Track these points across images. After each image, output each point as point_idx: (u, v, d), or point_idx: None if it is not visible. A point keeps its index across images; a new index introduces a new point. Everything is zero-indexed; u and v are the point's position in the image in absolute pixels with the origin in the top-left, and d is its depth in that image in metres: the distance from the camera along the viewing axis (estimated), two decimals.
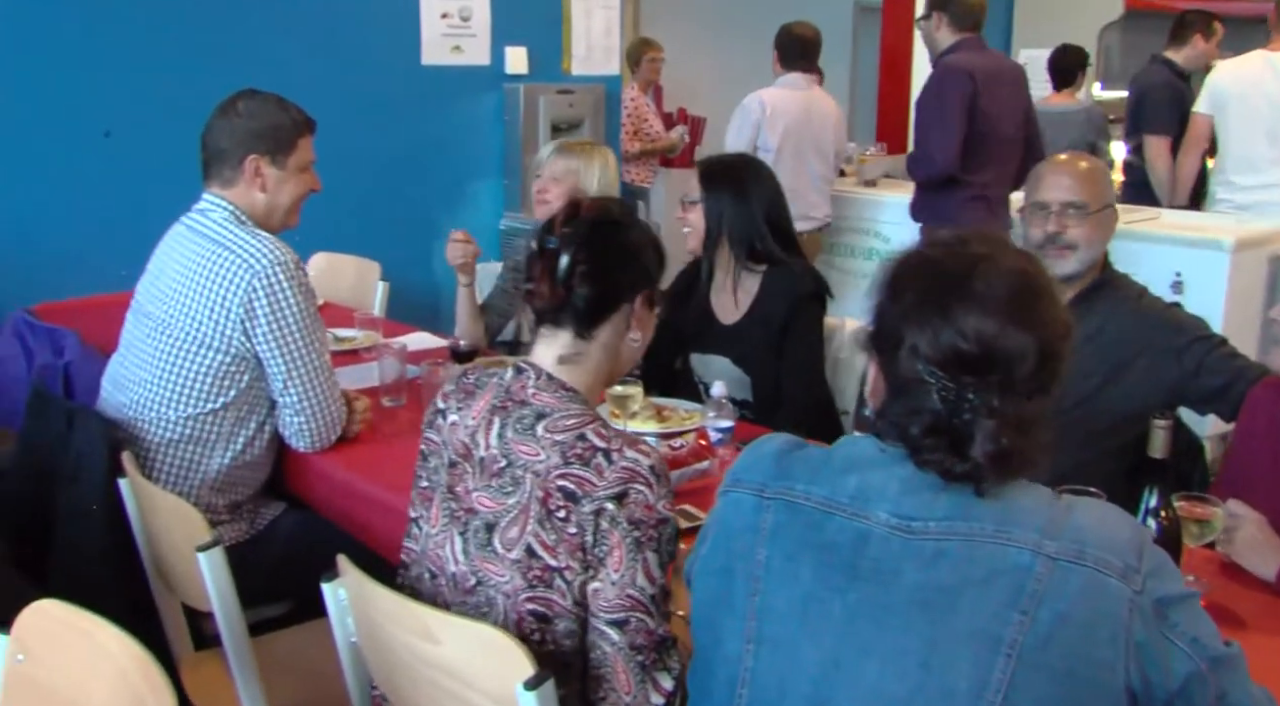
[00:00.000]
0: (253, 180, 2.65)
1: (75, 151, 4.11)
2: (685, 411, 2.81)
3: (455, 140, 5.06)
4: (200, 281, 2.55)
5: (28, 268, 4.01)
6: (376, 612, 1.73)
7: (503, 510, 1.69)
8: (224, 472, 2.62)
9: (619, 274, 1.82)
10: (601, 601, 1.61)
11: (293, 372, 2.57)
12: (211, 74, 4.16)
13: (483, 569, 1.70)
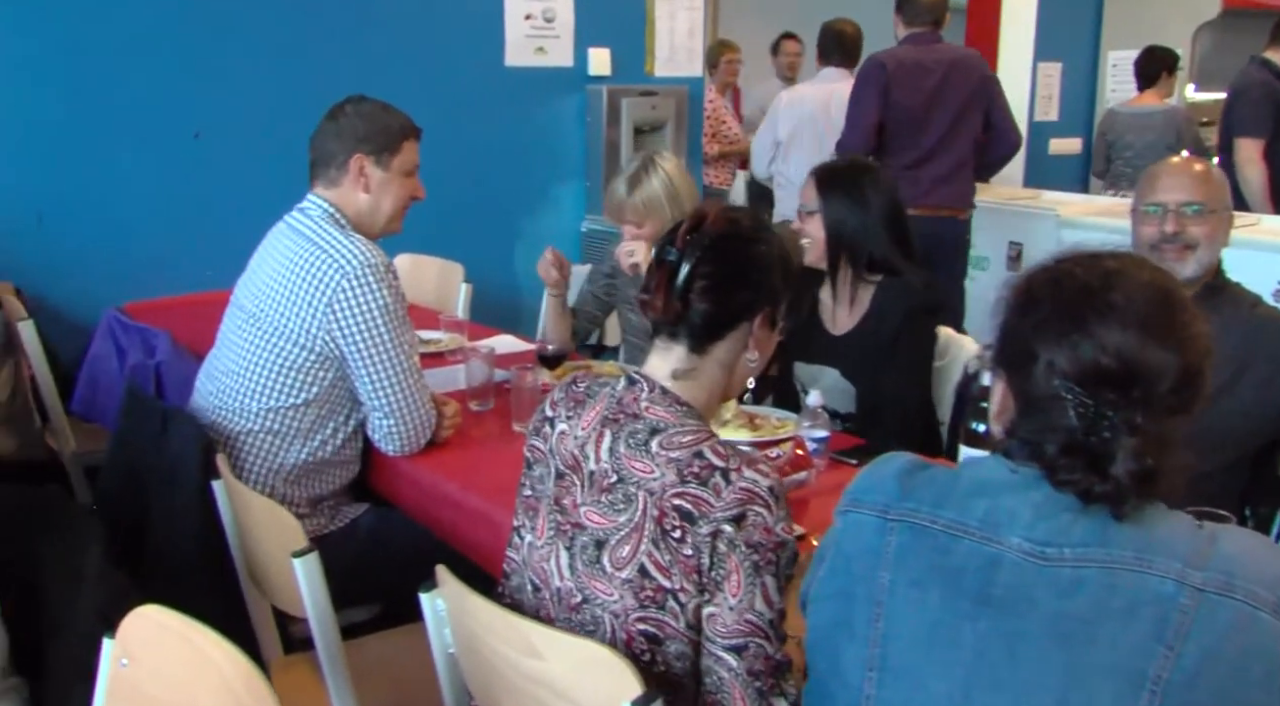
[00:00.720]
0: (357, 179, 2.66)
1: (166, 153, 4.16)
2: (777, 420, 2.76)
3: (538, 142, 5.05)
4: (291, 278, 2.56)
5: (120, 267, 4.07)
6: (477, 625, 1.70)
7: (613, 528, 1.64)
8: (300, 466, 2.62)
9: (740, 291, 1.75)
10: (719, 626, 1.56)
11: (380, 375, 2.56)
12: (298, 77, 4.21)
13: (590, 586, 1.66)
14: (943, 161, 4.78)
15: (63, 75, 3.94)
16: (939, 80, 4.74)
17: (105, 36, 4.00)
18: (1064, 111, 7.49)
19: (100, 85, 4.01)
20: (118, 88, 4.04)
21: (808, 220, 2.92)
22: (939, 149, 4.78)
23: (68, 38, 3.93)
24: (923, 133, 4.74)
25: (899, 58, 4.78)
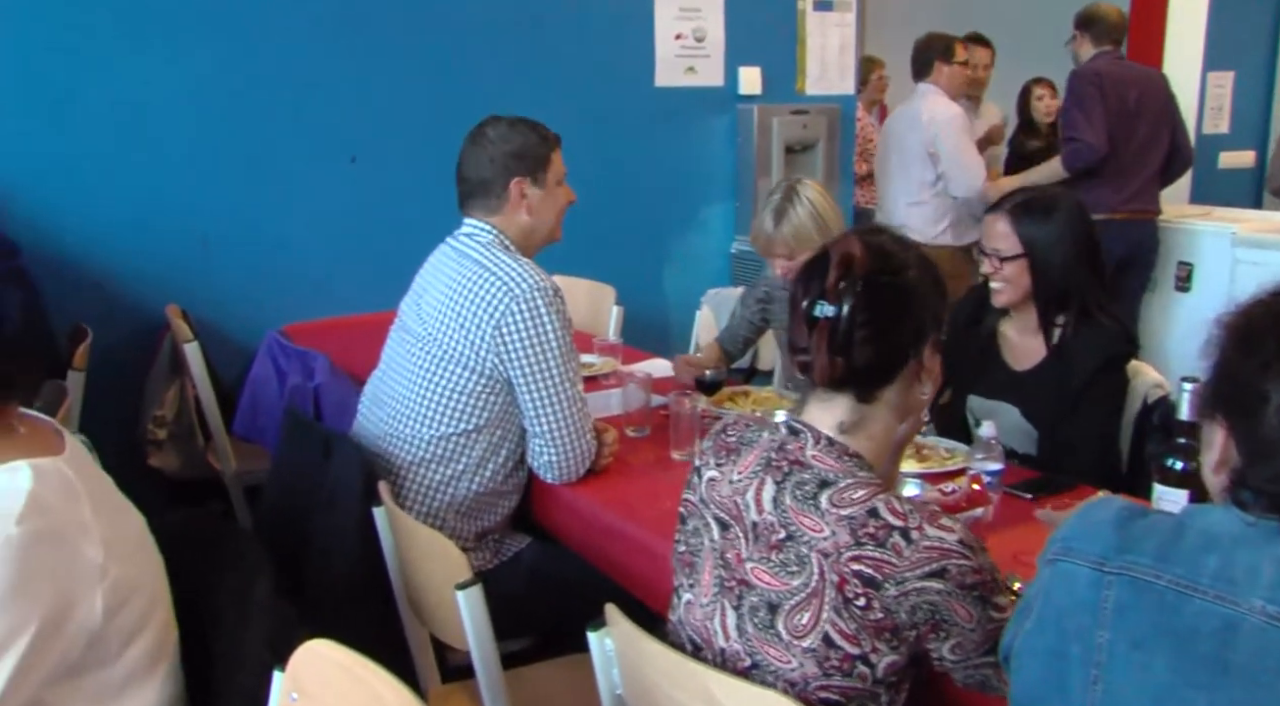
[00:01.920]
0: (518, 203, 2.64)
1: (324, 177, 4.22)
2: (946, 450, 2.64)
3: (688, 162, 5.00)
4: (460, 300, 2.55)
5: (280, 289, 4.14)
6: (649, 668, 1.63)
7: (787, 592, 1.55)
8: (472, 499, 2.59)
9: (903, 328, 1.64)
10: (968, 647, 1.51)
11: (545, 401, 2.52)
12: (451, 100, 4.24)
13: (762, 652, 1.57)
14: (1142, 171, 5.01)
15: (226, 104, 4.03)
16: (1137, 94, 4.96)
17: (264, 65, 4.08)
18: (1235, 123, 7.14)
19: (261, 113, 4.09)
20: (277, 115, 4.12)
21: (1005, 265, 2.65)
22: (1139, 159, 5.00)
23: (229, 67, 4.02)
24: (1127, 143, 4.93)
25: (1101, 71, 4.95)
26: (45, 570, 1.54)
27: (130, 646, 1.65)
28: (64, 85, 3.79)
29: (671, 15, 4.86)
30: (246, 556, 1.92)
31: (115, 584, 1.60)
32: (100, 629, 1.59)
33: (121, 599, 1.61)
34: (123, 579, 1.62)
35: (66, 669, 1.58)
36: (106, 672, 1.63)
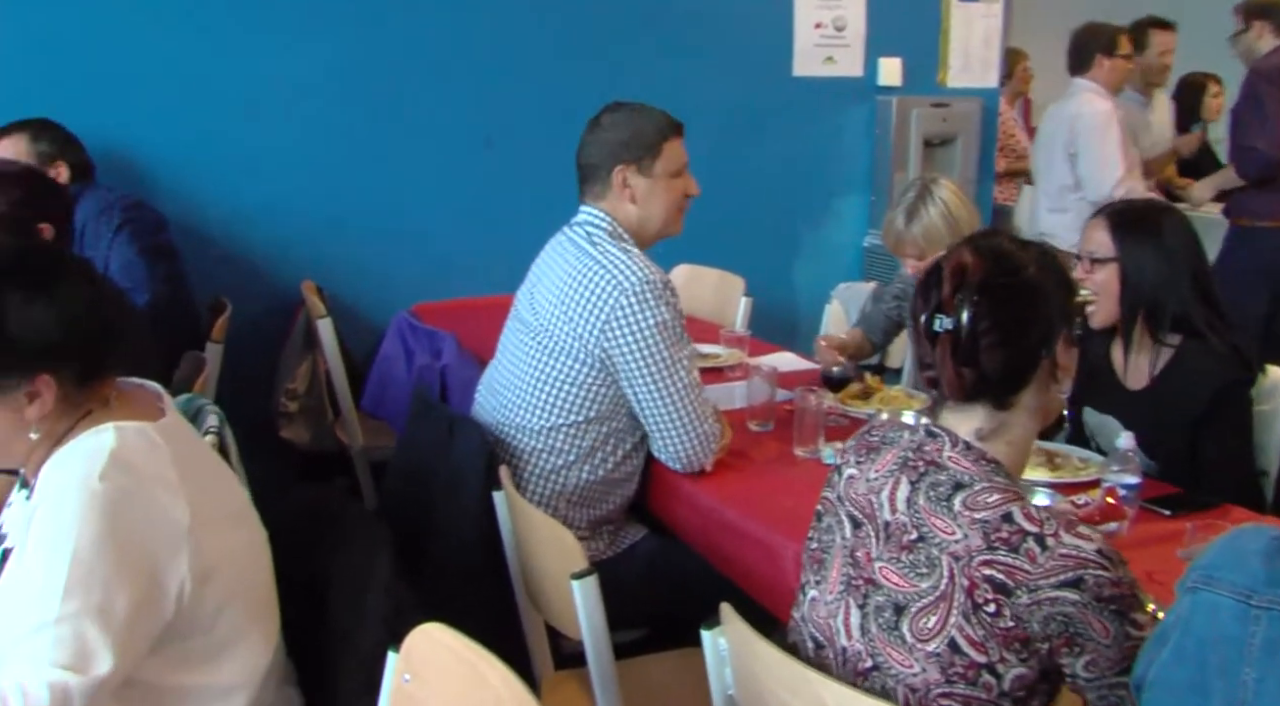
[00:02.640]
0: (621, 191, 2.62)
1: (458, 158, 4.27)
2: (1080, 460, 2.54)
3: (822, 154, 4.91)
4: (570, 292, 2.54)
5: (412, 269, 4.20)
6: (762, 671, 1.60)
7: (915, 593, 1.51)
8: (584, 488, 2.59)
9: (1030, 330, 1.58)
10: (1102, 665, 1.45)
11: (659, 392, 2.50)
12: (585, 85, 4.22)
13: (884, 653, 1.53)
14: None
15: (364, 86, 4.10)
16: None
17: (403, 48, 4.13)
18: None
19: (398, 95, 4.15)
20: (414, 97, 4.17)
21: (1097, 269, 2.53)
22: None
23: (368, 50, 4.09)
24: None
25: None
26: (130, 525, 1.56)
27: (222, 616, 1.67)
28: (209, 68, 3.89)
29: (812, 4, 4.77)
30: (368, 535, 1.94)
31: (204, 551, 1.62)
32: (191, 595, 1.61)
33: (212, 566, 1.63)
34: (213, 548, 1.64)
35: (163, 635, 1.61)
36: (199, 641, 1.66)
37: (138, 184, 3.78)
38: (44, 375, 1.58)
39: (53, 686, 1.47)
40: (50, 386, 1.59)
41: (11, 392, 1.58)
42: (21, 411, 1.59)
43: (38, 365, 1.57)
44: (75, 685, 1.48)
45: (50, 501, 1.54)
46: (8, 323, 1.56)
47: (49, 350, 1.58)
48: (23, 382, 1.58)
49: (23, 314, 1.57)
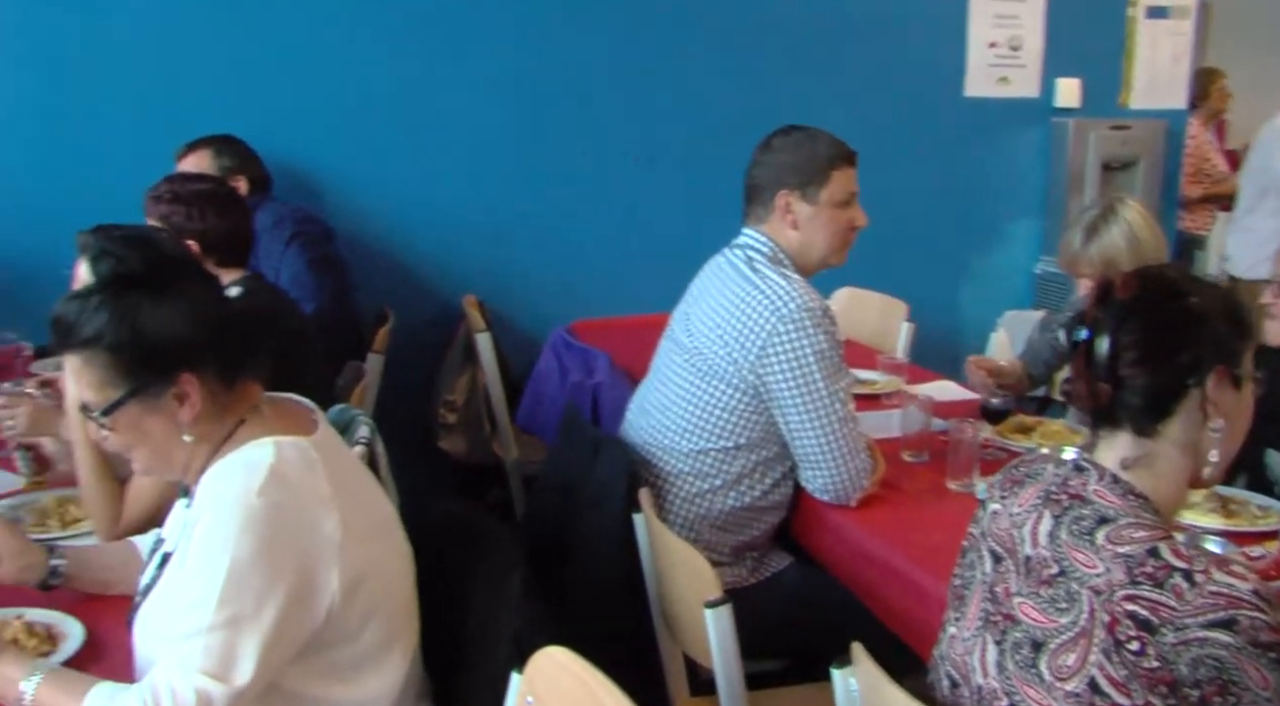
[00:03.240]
0: (783, 216, 2.56)
1: (620, 176, 4.29)
2: (1259, 508, 2.37)
3: (994, 177, 4.76)
4: (727, 316, 2.51)
5: (570, 285, 4.24)
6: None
7: (1054, 629, 1.43)
8: (729, 514, 2.55)
9: (1178, 352, 1.50)
10: None
11: (812, 423, 2.44)
12: (743, 103, 4.21)
13: (1021, 692, 1.45)
14: None
15: (529, 103, 4.17)
16: None
17: (566, 65, 4.18)
18: None
19: (563, 112, 4.20)
20: (578, 114, 4.22)
21: None
22: None
23: (533, 68, 4.16)
24: None
25: None
26: (286, 540, 1.59)
27: (367, 627, 1.69)
28: (380, 86, 4.02)
29: (986, 23, 4.64)
30: (504, 552, 1.94)
31: (353, 563, 1.64)
32: (339, 606, 1.63)
33: (359, 578, 1.65)
34: (361, 559, 1.66)
35: (307, 646, 1.63)
36: (343, 651, 1.67)
37: (309, 197, 3.93)
38: (185, 373, 1.62)
39: (199, 691, 1.51)
40: (194, 385, 1.63)
41: (161, 397, 1.63)
42: (175, 416, 1.64)
43: (178, 364, 1.62)
44: (218, 693, 1.52)
45: (210, 513, 1.58)
46: (143, 326, 1.61)
47: (184, 348, 1.62)
48: (168, 385, 1.62)
49: (154, 316, 1.61)
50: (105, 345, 1.61)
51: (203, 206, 2.63)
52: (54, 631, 1.81)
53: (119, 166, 3.63)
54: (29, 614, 1.84)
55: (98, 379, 1.63)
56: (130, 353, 1.60)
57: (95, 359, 1.62)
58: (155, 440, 1.66)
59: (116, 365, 1.61)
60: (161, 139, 3.63)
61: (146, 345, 1.60)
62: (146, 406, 1.63)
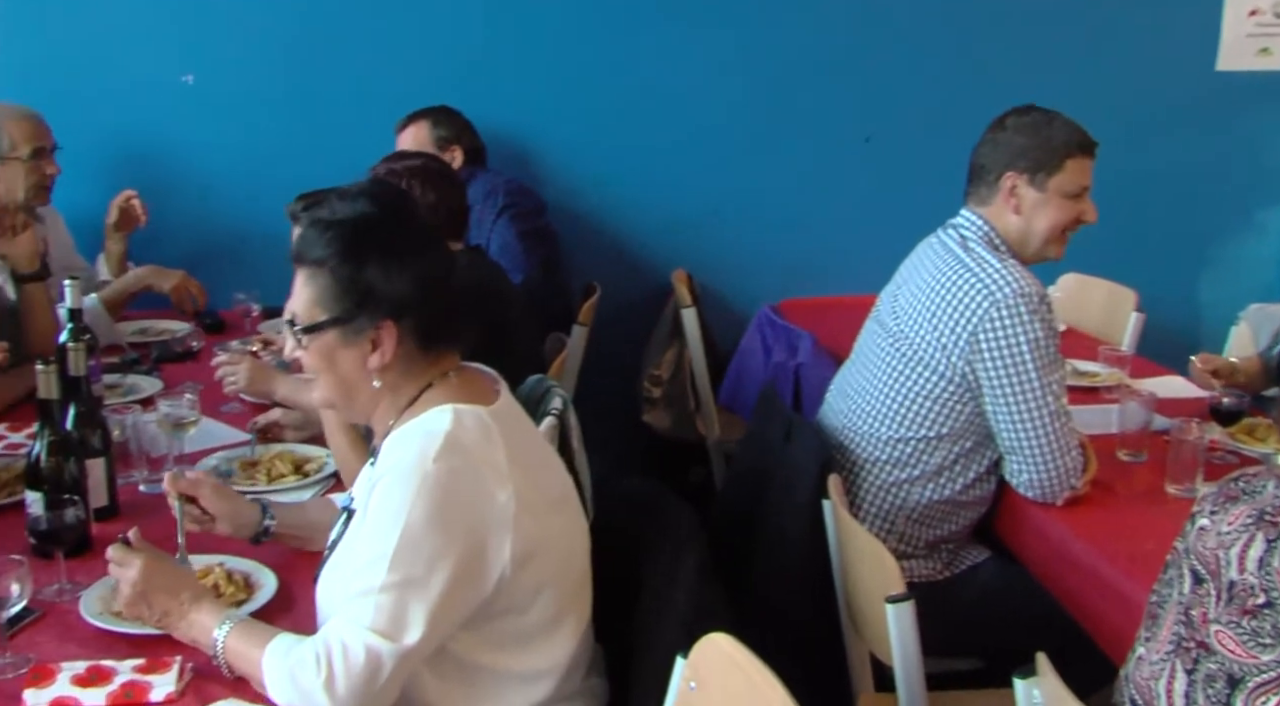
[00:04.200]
0: (1007, 200, 2.44)
1: (837, 155, 4.18)
2: None
3: (1244, 158, 4.39)
4: (936, 300, 2.40)
5: (779, 263, 4.17)
6: None
7: (1254, 666, 1.30)
8: (927, 506, 2.45)
9: None
10: None
11: (1022, 416, 2.32)
12: (975, 81, 4.04)
13: None
14: None
15: (749, 80, 4.10)
16: None
17: (789, 43, 4.09)
18: None
19: (782, 89, 4.11)
20: (797, 91, 4.12)
21: None
22: None
23: (756, 45, 4.08)
24: None
25: None
26: (460, 508, 1.61)
27: (538, 601, 1.69)
28: (598, 59, 4.02)
29: None
30: (682, 532, 1.92)
31: (526, 535, 1.64)
32: (509, 578, 1.64)
33: (531, 551, 1.65)
34: (535, 532, 1.66)
35: (477, 614, 1.65)
36: (513, 622, 1.69)
37: (522, 168, 3.98)
38: (388, 321, 1.67)
39: (368, 648, 1.55)
40: (392, 336, 1.68)
41: (359, 336, 1.68)
42: (365, 358, 1.69)
43: (384, 311, 1.67)
44: (387, 651, 1.56)
45: (389, 476, 1.62)
46: (367, 267, 1.66)
47: (396, 299, 1.67)
48: (369, 327, 1.67)
49: (382, 261, 1.67)
50: (329, 268, 1.67)
51: (420, 182, 2.70)
52: (250, 580, 1.91)
53: (343, 137, 3.79)
54: (229, 562, 1.94)
55: (311, 297, 1.70)
56: (347, 285, 1.67)
57: (316, 278, 1.69)
58: (341, 373, 1.72)
59: (331, 291, 1.68)
60: (383, 111, 3.75)
61: (364, 284, 1.66)
62: (343, 339, 1.69)
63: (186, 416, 2.33)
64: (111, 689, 1.59)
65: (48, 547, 1.91)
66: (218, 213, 3.89)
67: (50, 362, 2.01)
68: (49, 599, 1.84)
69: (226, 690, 1.62)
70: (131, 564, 1.70)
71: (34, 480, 1.98)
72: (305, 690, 1.56)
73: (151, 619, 1.70)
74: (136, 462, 2.30)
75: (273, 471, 2.35)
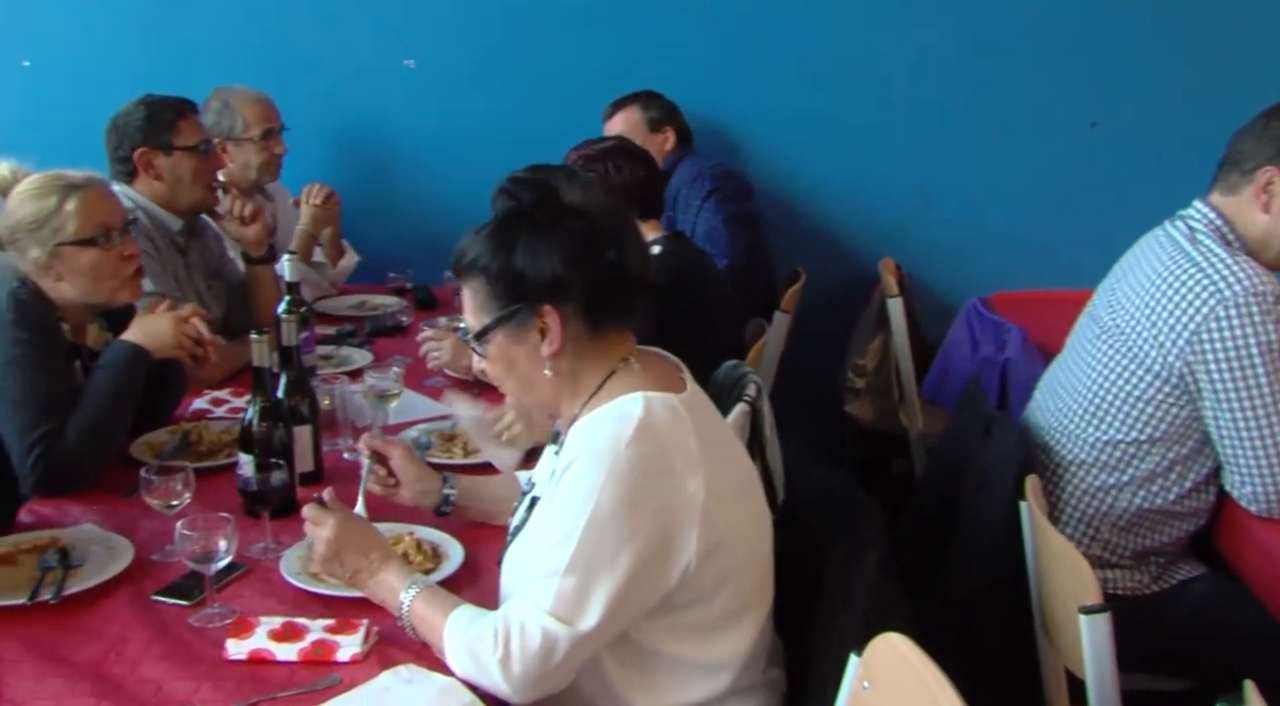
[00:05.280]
0: (1258, 195, 2.24)
1: (1059, 142, 3.99)
2: None
3: None
4: (1156, 294, 2.26)
5: (993, 253, 4.03)
6: None
7: None
8: (1135, 514, 2.32)
9: None
10: None
11: (1247, 422, 2.16)
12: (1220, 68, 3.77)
13: None
14: None
15: (959, 62, 3.96)
16: None
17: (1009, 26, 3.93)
18: None
19: (1000, 73, 3.96)
20: (1015, 72, 3.95)
21: None
22: None
23: (973, 29, 3.93)
24: None
25: None
26: (650, 495, 1.60)
27: (721, 592, 1.68)
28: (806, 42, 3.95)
29: None
30: (868, 527, 1.87)
31: (714, 526, 1.63)
32: (694, 570, 1.62)
33: (717, 542, 1.64)
34: (722, 523, 1.64)
35: (661, 604, 1.64)
36: (697, 613, 1.67)
37: (729, 153, 3.96)
38: (548, 305, 1.67)
39: (545, 631, 1.57)
40: (556, 320, 1.67)
41: (525, 328, 1.69)
42: (538, 349, 1.70)
43: (540, 295, 1.67)
44: (563, 635, 1.57)
45: (579, 462, 1.63)
46: (515, 256, 1.67)
47: (548, 281, 1.66)
48: (531, 315, 1.68)
49: (528, 248, 1.66)
50: (481, 269, 1.69)
51: (615, 161, 2.72)
52: (439, 550, 1.96)
53: (553, 120, 3.84)
54: (419, 531, 2.00)
55: (475, 303, 1.72)
56: (500, 279, 1.68)
57: (474, 284, 1.71)
58: (521, 371, 1.73)
59: (489, 291, 1.69)
60: (593, 94, 3.81)
61: (514, 273, 1.67)
62: (512, 335, 1.70)
63: (390, 388, 2.41)
64: (303, 645, 1.66)
65: (255, 508, 2.02)
66: (432, 192, 4.01)
67: (264, 332, 2.11)
68: (254, 556, 1.95)
69: (409, 655, 1.67)
70: (325, 523, 1.78)
71: (246, 443, 2.09)
72: (482, 664, 1.59)
73: (343, 576, 1.77)
74: (342, 431, 2.40)
75: (469, 446, 2.41)
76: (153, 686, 1.60)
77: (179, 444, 2.38)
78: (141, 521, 2.06)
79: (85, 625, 1.75)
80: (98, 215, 2.34)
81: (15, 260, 2.33)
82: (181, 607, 1.80)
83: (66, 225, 2.30)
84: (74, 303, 2.36)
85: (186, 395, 2.65)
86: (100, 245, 2.32)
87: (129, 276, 2.40)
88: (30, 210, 2.31)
